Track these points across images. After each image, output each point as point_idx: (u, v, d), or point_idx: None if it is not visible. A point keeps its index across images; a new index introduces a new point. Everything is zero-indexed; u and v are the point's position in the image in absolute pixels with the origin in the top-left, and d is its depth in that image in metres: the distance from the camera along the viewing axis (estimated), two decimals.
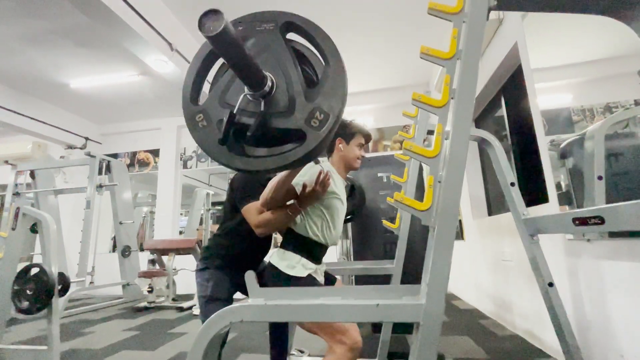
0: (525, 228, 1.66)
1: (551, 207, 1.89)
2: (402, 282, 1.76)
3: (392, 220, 2.20)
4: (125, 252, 4.30)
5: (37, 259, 4.61)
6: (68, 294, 3.38)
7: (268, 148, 0.71)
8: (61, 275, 2.36)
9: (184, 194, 5.91)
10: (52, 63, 4.02)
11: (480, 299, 3.15)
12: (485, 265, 2.99)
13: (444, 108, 0.87)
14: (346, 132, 1.46)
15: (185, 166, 5.58)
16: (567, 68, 1.96)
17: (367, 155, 4.98)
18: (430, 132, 1.95)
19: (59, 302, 2.18)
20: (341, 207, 1.40)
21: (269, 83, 0.67)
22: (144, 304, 3.93)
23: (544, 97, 2.03)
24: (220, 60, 0.72)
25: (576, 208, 1.76)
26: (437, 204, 0.79)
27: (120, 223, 4.33)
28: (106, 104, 5.15)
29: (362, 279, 2.40)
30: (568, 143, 1.89)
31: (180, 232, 5.90)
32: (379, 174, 2.76)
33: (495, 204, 3.23)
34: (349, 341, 1.09)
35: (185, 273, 4.07)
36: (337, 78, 0.68)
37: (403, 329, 2.00)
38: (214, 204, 6.71)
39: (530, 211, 1.66)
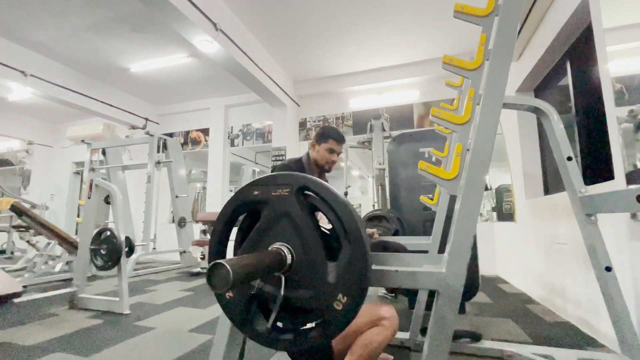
0: (582, 207, 1.51)
1: (617, 184, 1.68)
2: None
3: (432, 197, 2.14)
4: (181, 223, 4.74)
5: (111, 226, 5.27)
6: (135, 256, 3.85)
7: (292, 332, 0.68)
8: (127, 239, 2.69)
9: (233, 171, 6.25)
10: (114, 49, 4.39)
11: (529, 283, 2.96)
12: (536, 248, 2.78)
13: (477, 71, 0.80)
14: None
15: (232, 144, 5.86)
16: None
17: (409, 130, 4.77)
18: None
19: (126, 262, 2.51)
20: None
21: (289, 261, 0.65)
22: (197, 269, 4.34)
23: (622, 61, 1.76)
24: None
25: None
26: (464, 174, 0.76)
27: (177, 197, 4.74)
28: (161, 86, 5.54)
29: None
30: None
31: None
32: (421, 150, 2.65)
33: (553, 182, 2.94)
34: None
35: (231, 243, 4.38)
36: (355, 250, 0.63)
37: None
38: None
39: (590, 189, 1.49)
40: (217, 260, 0.49)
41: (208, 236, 4.50)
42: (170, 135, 6.17)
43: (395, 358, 1.59)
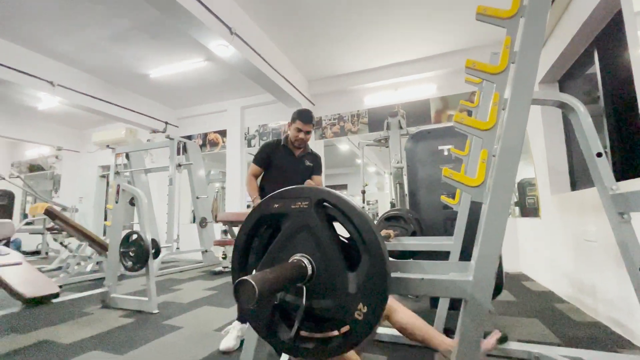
0: (613, 204, 1.45)
1: None
2: (461, 260, 1.69)
3: (452, 195, 2.11)
4: (202, 223, 4.86)
5: (136, 228, 5.47)
6: (160, 256, 3.98)
7: (314, 340, 0.69)
8: (154, 241, 2.79)
9: None
10: (134, 56, 4.53)
11: (557, 281, 2.87)
12: (564, 245, 2.69)
13: (501, 74, 0.79)
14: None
15: (249, 145, 5.95)
16: None
17: (426, 127, 4.69)
18: None
19: (153, 263, 2.60)
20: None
21: (309, 272, 0.66)
22: (219, 268, 4.45)
23: None
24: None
25: None
26: (490, 180, 0.75)
27: (197, 198, 4.87)
28: (179, 90, 5.68)
29: (419, 256, 2.35)
30: None
31: (248, 207, 6.41)
32: (440, 147, 2.61)
33: (581, 177, 2.83)
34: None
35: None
36: (374, 261, 0.64)
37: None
38: None
39: (622, 186, 1.43)
40: (243, 277, 0.51)
41: (229, 236, 4.60)
42: (189, 137, 6.32)
43: (418, 358, 1.59)
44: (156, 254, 3.00)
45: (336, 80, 5.23)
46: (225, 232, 4.68)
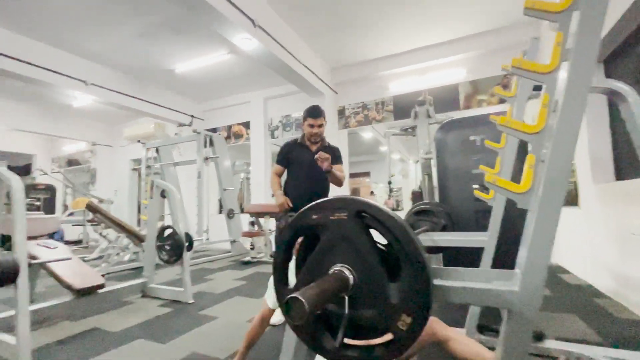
0: None
1: None
2: (496, 257, 1.64)
3: (484, 188, 2.03)
4: (230, 215, 5.01)
5: (167, 219, 5.73)
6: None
7: (358, 348, 0.70)
8: (187, 235, 2.91)
9: (273, 161, 6.41)
10: (160, 52, 4.63)
11: (597, 274, 2.73)
12: (606, 237, 2.55)
13: (552, 74, 0.73)
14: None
15: (272, 136, 5.99)
16: None
17: (455, 113, 4.53)
18: (538, 88, 1.66)
19: (187, 256, 2.72)
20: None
21: (351, 282, 0.66)
22: (247, 258, 4.59)
23: None
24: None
25: None
26: (538, 186, 0.71)
27: (224, 190, 5.00)
28: (204, 84, 5.78)
29: (451, 251, 2.31)
30: None
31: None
32: (471, 137, 2.51)
33: (627, 166, 2.64)
34: None
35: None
36: (416, 272, 0.64)
37: None
38: None
39: None
40: (292, 295, 0.52)
41: (256, 227, 4.71)
42: (214, 130, 6.45)
43: (447, 356, 1.57)
44: (190, 247, 3.13)
45: (360, 67, 5.12)
46: (252, 223, 4.80)
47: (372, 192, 11.56)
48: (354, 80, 5.22)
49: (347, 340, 0.73)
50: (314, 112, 2.24)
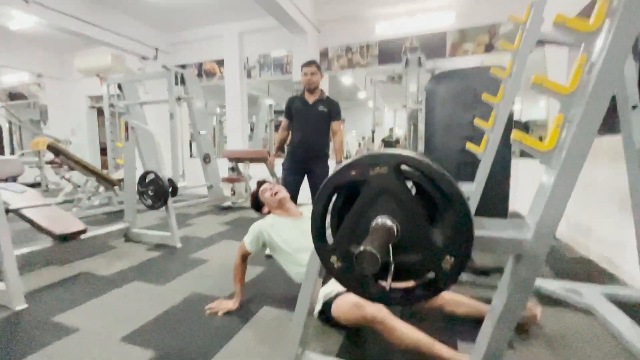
0: (638, 158, 1.51)
1: None
2: (479, 206, 1.79)
3: (469, 139, 2.11)
4: (206, 159, 4.84)
5: (137, 163, 5.44)
6: None
7: (402, 290, 0.76)
8: (170, 181, 2.82)
9: (249, 104, 6.10)
10: None
11: None
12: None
13: (594, 33, 0.73)
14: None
15: (249, 75, 5.61)
16: None
17: (441, 60, 4.43)
18: (541, 43, 1.66)
19: (172, 201, 2.67)
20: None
21: (395, 233, 0.70)
22: (228, 203, 4.59)
23: None
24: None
25: None
26: (564, 146, 0.75)
27: (199, 133, 4.75)
28: (171, 10, 5.10)
29: None
30: None
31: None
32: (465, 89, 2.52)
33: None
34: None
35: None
36: (460, 217, 0.68)
37: None
38: (276, 112, 6.92)
39: None
40: (364, 249, 0.57)
41: (236, 173, 4.64)
42: (183, 66, 5.89)
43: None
44: (174, 193, 3.06)
45: (345, 2, 4.74)
46: (232, 169, 4.71)
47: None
48: (338, 18, 4.86)
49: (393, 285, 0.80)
50: (306, 62, 2.52)
